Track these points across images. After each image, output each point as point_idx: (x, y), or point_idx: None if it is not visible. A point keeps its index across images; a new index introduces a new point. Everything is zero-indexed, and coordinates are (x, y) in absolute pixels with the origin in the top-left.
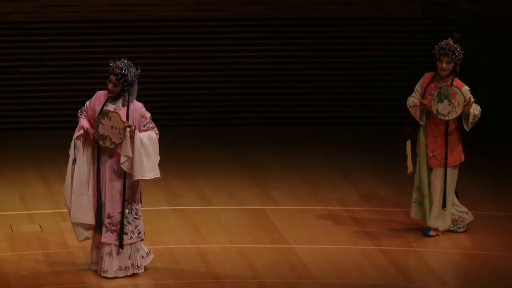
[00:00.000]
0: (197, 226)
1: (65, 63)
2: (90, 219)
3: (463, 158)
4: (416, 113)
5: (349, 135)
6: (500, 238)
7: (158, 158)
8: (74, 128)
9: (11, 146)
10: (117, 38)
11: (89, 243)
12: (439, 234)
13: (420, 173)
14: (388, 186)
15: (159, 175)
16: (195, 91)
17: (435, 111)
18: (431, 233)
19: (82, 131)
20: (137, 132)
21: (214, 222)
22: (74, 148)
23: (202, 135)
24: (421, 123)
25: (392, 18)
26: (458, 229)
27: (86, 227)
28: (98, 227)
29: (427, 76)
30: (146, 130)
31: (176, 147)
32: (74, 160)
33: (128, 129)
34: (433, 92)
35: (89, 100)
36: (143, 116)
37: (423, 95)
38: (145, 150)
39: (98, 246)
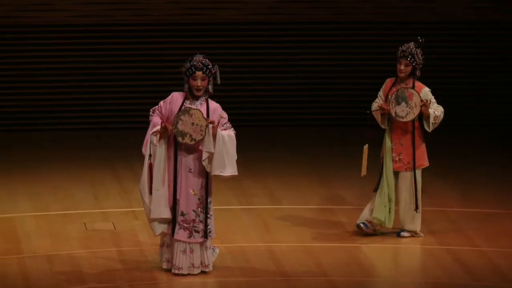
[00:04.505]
0: (266, 225)
1: (137, 65)
2: (168, 214)
3: (427, 163)
4: (377, 117)
5: None
6: None
7: (236, 157)
8: (146, 129)
9: (85, 146)
10: (188, 41)
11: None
12: (415, 236)
13: (387, 178)
14: (451, 186)
15: (236, 173)
16: (268, 92)
17: (393, 114)
18: (404, 234)
19: (157, 127)
20: (218, 129)
21: (283, 221)
22: (150, 143)
23: (271, 136)
24: (383, 127)
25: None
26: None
27: (162, 221)
28: (172, 226)
29: (389, 81)
30: (224, 130)
31: (247, 148)
32: (150, 155)
33: (210, 126)
34: (392, 95)
35: (163, 100)
36: (222, 116)
37: (385, 100)
38: (226, 148)
39: (168, 244)
